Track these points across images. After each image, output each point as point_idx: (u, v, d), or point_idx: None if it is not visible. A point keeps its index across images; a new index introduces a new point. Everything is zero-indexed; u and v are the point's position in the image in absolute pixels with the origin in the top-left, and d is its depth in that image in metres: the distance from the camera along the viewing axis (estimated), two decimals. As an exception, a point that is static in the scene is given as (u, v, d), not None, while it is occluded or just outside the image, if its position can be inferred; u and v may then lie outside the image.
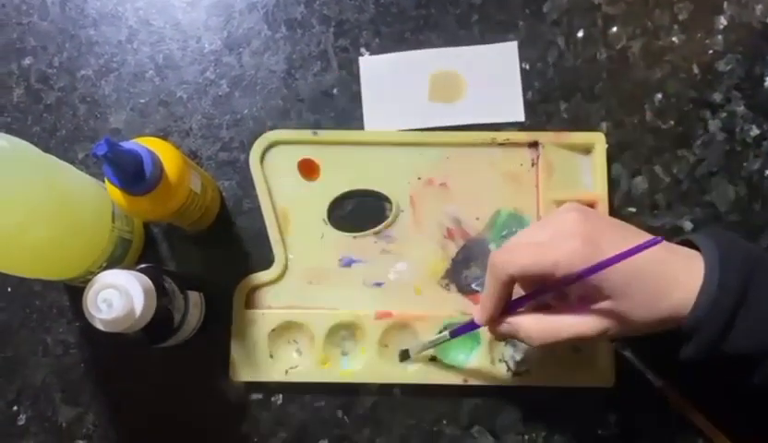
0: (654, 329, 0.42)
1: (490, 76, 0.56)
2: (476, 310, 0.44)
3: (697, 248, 0.42)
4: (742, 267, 0.40)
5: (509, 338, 0.45)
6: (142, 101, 0.56)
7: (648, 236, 0.40)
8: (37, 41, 0.57)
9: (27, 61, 0.57)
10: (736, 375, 0.43)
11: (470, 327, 0.46)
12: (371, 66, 0.56)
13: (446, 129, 0.55)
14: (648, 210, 0.55)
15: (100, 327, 0.41)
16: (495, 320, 0.43)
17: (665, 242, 0.40)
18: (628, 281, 0.40)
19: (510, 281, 0.42)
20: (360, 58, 0.56)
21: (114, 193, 0.44)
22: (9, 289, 0.54)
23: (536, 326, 0.42)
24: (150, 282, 0.43)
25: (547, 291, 0.42)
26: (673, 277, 0.41)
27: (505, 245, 0.44)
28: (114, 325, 0.41)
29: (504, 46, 0.56)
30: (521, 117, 0.55)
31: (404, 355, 0.52)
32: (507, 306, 0.43)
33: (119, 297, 0.41)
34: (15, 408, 0.53)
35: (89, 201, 0.46)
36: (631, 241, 0.39)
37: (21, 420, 0.53)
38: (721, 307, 0.40)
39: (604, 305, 0.40)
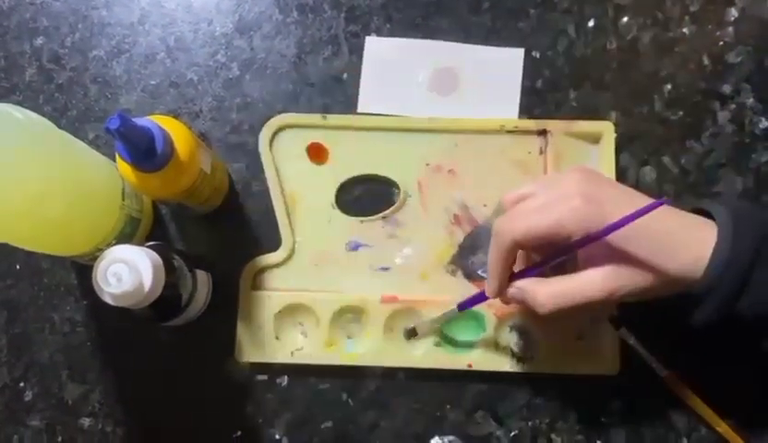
0: (662, 292, 0.42)
1: (491, 78, 0.56)
2: (486, 284, 0.45)
3: (707, 216, 0.43)
4: (756, 228, 0.40)
5: (518, 303, 0.45)
6: (153, 82, 0.57)
7: (651, 199, 0.40)
8: (49, 21, 0.58)
9: (39, 41, 0.57)
10: (747, 339, 0.43)
11: (478, 299, 0.46)
12: (376, 48, 0.57)
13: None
14: (655, 201, 0.55)
15: (109, 301, 0.41)
16: (503, 289, 0.44)
17: (672, 207, 0.40)
18: (635, 242, 0.40)
19: (514, 248, 0.42)
20: (367, 37, 0.57)
21: (124, 170, 0.45)
22: (18, 266, 0.54)
23: (544, 289, 0.42)
24: (159, 259, 0.43)
25: (558, 256, 0.42)
26: (682, 238, 0.41)
27: (508, 212, 0.44)
28: (122, 299, 0.41)
29: (511, 52, 0.56)
30: (514, 114, 0.55)
31: (411, 333, 0.52)
32: (512, 275, 0.44)
33: (129, 272, 0.41)
34: (21, 384, 0.53)
35: (100, 178, 0.46)
36: (637, 202, 0.39)
37: (28, 396, 0.53)
38: (736, 265, 0.40)
39: (611, 267, 0.40)
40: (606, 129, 0.54)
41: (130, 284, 0.41)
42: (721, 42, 0.56)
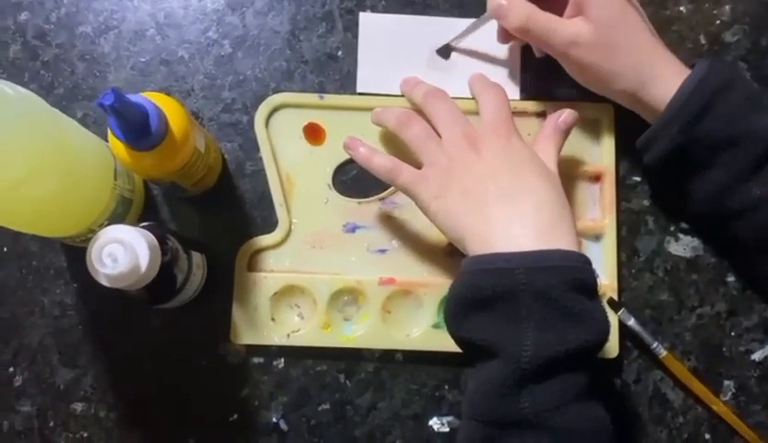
0: (625, 92, 0.49)
1: (491, 51, 0.55)
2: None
3: None
4: (729, 70, 0.47)
5: (501, 17, 0.49)
6: (143, 59, 0.55)
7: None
8: (34, -5, 0.56)
9: (23, 16, 0.55)
10: (691, 179, 0.48)
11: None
12: (371, 24, 0.55)
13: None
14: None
15: (104, 282, 0.40)
16: None
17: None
18: (612, 25, 0.47)
19: None
20: (361, 13, 0.55)
21: (117, 148, 0.43)
22: (5, 249, 0.53)
23: (529, 7, 0.48)
24: (154, 239, 0.42)
25: None
26: (657, 64, 0.48)
27: None
28: (118, 281, 0.40)
29: None
30: (516, 95, 0.55)
31: (445, 50, 0.54)
32: None
33: (124, 253, 0.40)
34: (11, 369, 0.52)
35: (92, 156, 0.45)
36: None
37: (18, 381, 0.52)
38: (703, 88, 0.45)
39: (591, 33, 0.47)
40: (606, 111, 0.54)
41: (126, 265, 0.40)
42: (717, 21, 0.56)
